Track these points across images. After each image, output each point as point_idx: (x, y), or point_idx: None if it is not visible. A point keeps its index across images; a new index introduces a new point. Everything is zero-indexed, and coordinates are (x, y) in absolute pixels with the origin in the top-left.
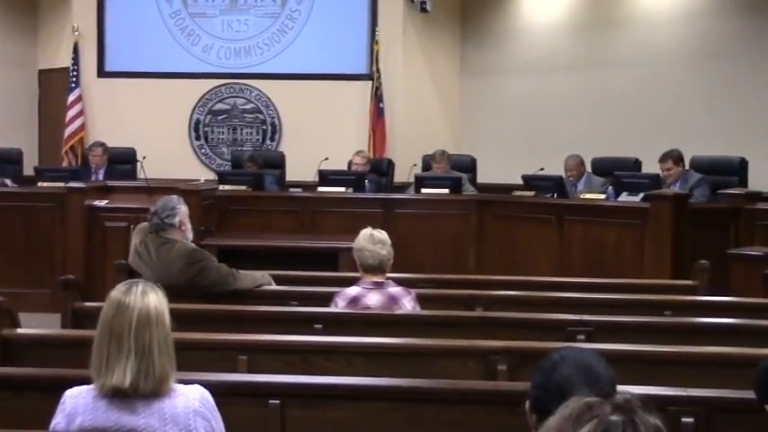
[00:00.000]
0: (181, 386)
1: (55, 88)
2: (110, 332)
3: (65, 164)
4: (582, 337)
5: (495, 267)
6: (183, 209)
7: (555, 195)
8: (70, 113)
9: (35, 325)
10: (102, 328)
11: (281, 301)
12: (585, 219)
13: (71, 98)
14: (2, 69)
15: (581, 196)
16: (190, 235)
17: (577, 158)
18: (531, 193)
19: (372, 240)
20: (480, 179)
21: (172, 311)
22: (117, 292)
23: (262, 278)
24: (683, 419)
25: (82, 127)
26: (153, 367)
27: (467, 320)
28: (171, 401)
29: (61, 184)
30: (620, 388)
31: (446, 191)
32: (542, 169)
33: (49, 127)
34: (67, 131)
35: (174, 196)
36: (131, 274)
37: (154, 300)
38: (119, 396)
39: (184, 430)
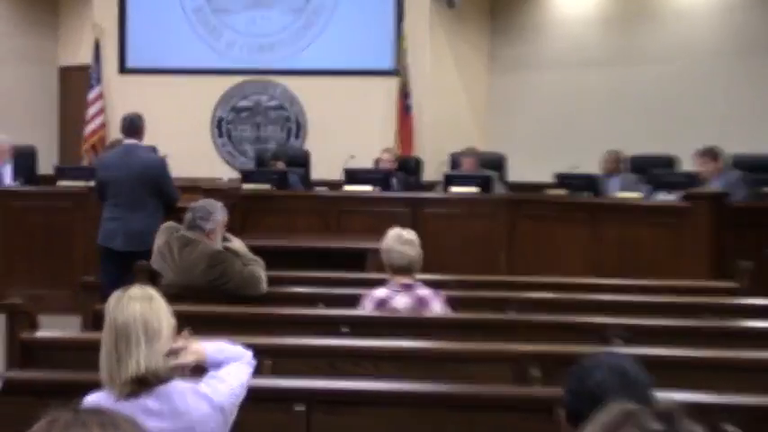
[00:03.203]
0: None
1: (75, 86)
2: (115, 332)
3: (85, 162)
4: (618, 340)
5: (527, 268)
6: (220, 218)
7: (589, 194)
8: (90, 111)
9: (55, 327)
10: (107, 332)
11: (307, 303)
12: (621, 218)
13: (91, 96)
14: (22, 66)
15: (616, 195)
16: (217, 243)
17: (615, 153)
18: (564, 192)
19: (401, 240)
20: (510, 177)
21: (191, 314)
22: (111, 298)
23: (263, 266)
24: (725, 428)
25: (102, 125)
26: (164, 349)
27: (498, 324)
28: (184, 399)
29: (81, 183)
30: (657, 394)
31: (475, 189)
32: (576, 167)
33: (69, 125)
34: (88, 129)
35: (219, 203)
36: (153, 276)
37: (154, 298)
38: (136, 390)
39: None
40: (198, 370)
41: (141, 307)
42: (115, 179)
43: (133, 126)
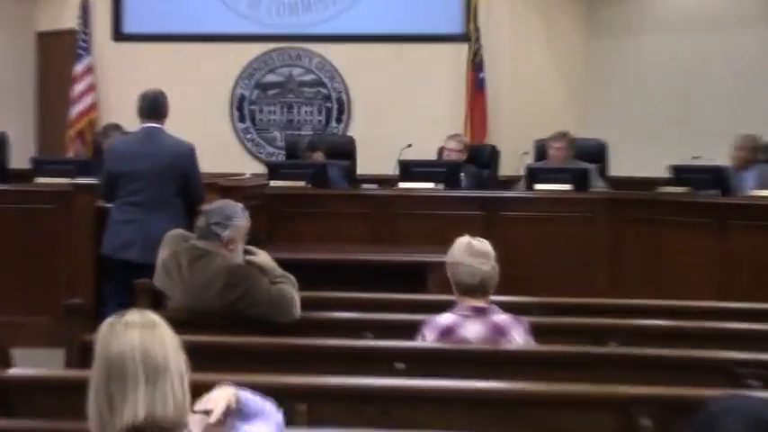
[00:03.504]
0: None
1: (58, 56)
2: (108, 367)
3: (71, 153)
4: (754, 381)
5: (634, 288)
6: (241, 224)
7: (715, 193)
8: (78, 88)
9: (33, 363)
10: (97, 369)
11: (351, 332)
12: (756, 224)
13: (79, 68)
14: None
15: (751, 193)
16: (237, 256)
17: (750, 140)
18: (684, 190)
19: (471, 252)
20: (613, 171)
21: (204, 346)
22: (103, 326)
23: (295, 284)
24: None
25: (93, 106)
26: (172, 389)
27: (597, 359)
28: None
29: (67, 181)
30: None
31: (568, 187)
32: (698, 157)
33: (50, 106)
34: (74, 111)
35: (239, 204)
36: (156, 298)
37: (158, 324)
38: None
39: None
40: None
41: (141, 336)
42: (134, 172)
43: (156, 106)
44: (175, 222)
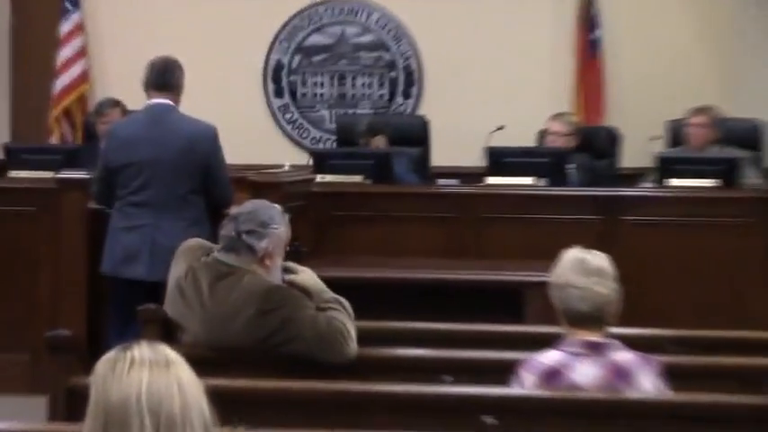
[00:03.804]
0: None
1: (38, 12)
2: (106, 420)
3: (54, 139)
4: None
5: None
6: (280, 232)
7: None
8: (64, 53)
9: (7, 413)
10: (94, 419)
11: (423, 375)
12: None
13: (65, 28)
14: None
15: None
16: (275, 276)
17: None
18: None
19: (584, 270)
20: None
21: (231, 392)
22: (104, 363)
23: (351, 313)
24: None
25: (84, 76)
26: None
27: (754, 412)
28: None
29: (50, 174)
30: None
31: (712, 182)
32: None
33: (28, 78)
34: (60, 84)
35: (276, 207)
36: (167, 328)
37: (174, 363)
38: None
39: None
40: None
41: (151, 378)
42: (138, 163)
43: (166, 76)
44: (194, 229)
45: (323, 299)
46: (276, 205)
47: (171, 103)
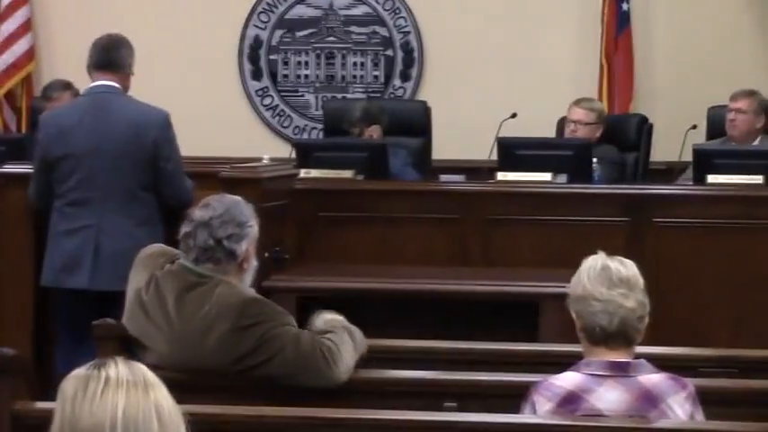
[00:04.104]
0: None
1: None
2: None
3: None
4: None
5: None
6: (255, 228)
7: None
8: (6, 28)
9: None
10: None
11: (424, 400)
12: None
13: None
14: None
15: None
16: (250, 277)
17: None
18: None
19: (608, 278)
20: None
21: (201, 420)
22: (72, 381)
23: (359, 339)
24: None
25: (30, 54)
26: None
27: None
28: None
29: None
30: None
31: (759, 178)
32: None
33: None
34: (1, 63)
35: (240, 199)
36: (128, 346)
37: (153, 386)
38: None
39: None
40: None
41: (128, 402)
42: (78, 155)
43: (110, 54)
44: (143, 229)
45: (331, 325)
46: (239, 198)
47: (116, 85)
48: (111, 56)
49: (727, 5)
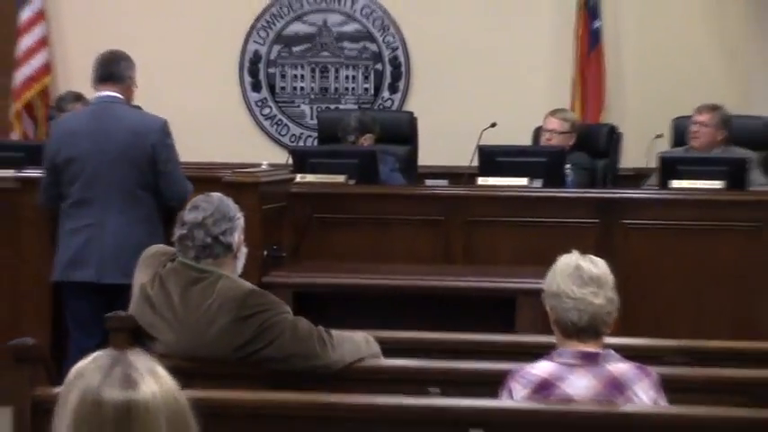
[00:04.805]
0: None
1: None
2: (93, 424)
3: (15, 135)
4: None
5: None
6: (242, 219)
7: None
8: (25, 43)
9: None
10: (77, 423)
11: (410, 386)
12: None
13: (26, 16)
14: None
15: None
16: (242, 263)
17: None
18: None
19: (579, 277)
20: None
21: (205, 404)
22: (85, 376)
23: (366, 346)
24: None
25: (46, 68)
26: None
27: (757, 427)
28: None
29: (10, 173)
30: None
31: (718, 183)
32: None
33: None
34: (20, 76)
35: (221, 196)
36: (138, 336)
37: (152, 389)
38: None
39: None
40: None
41: (153, 388)
42: (83, 158)
43: (110, 68)
44: (143, 227)
45: (359, 335)
46: (219, 195)
47: (118, 95)
48: (111, 69)
49: (690, 25)
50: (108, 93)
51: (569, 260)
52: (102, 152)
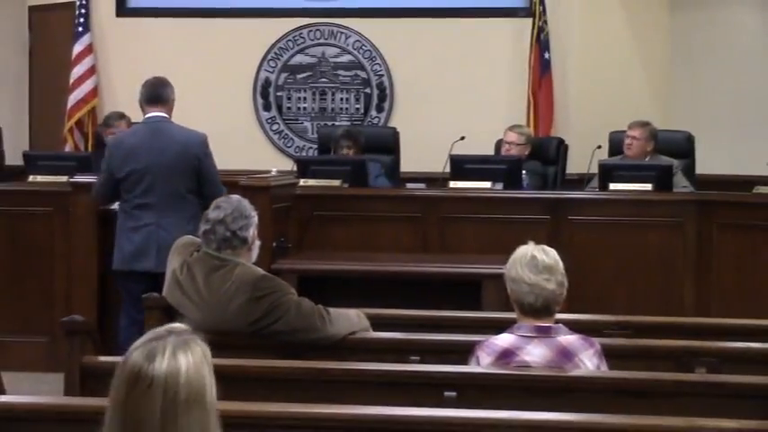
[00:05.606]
0: None
1: (54, 34)
2: (123, 421)
3: (68, 148)
4: None
5: (727, 305)
6: (255, 217)
7: None
8: (77, 71)
9: (27, 390)
10: (114, 414)
11: (394, 355)
12: None
13: (78, 48)
14: None
15: None
16: (256, 253)
17: None
18: None
19: (535, 266)
20: (701, 169)
21: (225, 370)
22: (135, 356)
23: (357, 321)
24: None
25: (94, 91)
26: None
27: (682, 388)
28: None
29: (64, 179)
30: None
31: (648, 186)
32: None
33: (44, 92)
34: (73, 99)
35: (239, 197)
36: (169, 313)
37: (189, 365)
38: None
39: None
40: None
41: (191, 361)
42: (140, 170)
43: (157, 92)
44: (192, 223)
45: (352, 312)
46: (238, 197)
47: (165, 115)
48: (158, 92)
49: (623, 57)
50: (156, 113)
51: (526, 250)
52: (159, 165)
